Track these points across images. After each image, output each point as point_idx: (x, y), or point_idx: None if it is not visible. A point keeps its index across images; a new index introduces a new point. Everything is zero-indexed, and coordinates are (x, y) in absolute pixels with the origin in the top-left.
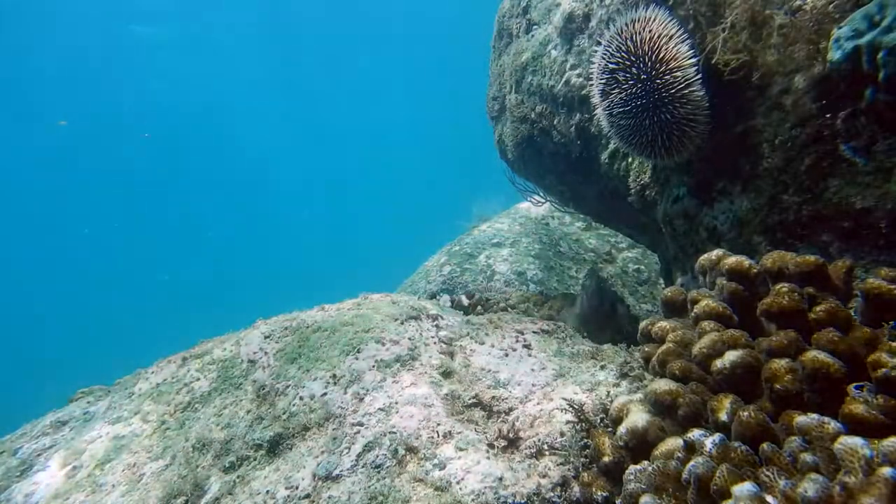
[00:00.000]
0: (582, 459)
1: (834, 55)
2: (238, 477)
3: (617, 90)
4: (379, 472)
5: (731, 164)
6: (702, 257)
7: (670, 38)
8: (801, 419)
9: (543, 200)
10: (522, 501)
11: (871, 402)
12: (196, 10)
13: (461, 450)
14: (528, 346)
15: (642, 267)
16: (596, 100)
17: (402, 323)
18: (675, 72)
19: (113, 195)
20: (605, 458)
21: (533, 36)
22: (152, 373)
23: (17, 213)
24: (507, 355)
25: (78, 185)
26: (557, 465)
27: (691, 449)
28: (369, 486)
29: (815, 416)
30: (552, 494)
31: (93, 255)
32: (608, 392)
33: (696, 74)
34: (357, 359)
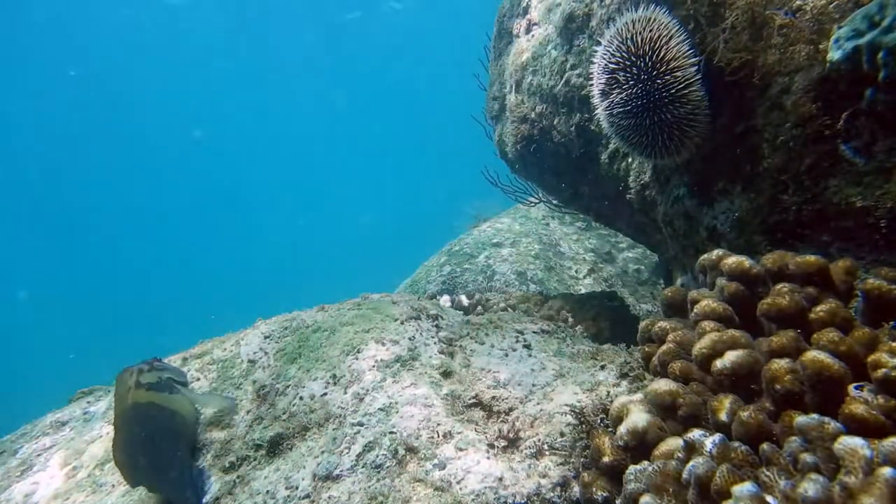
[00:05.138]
0: (582, 459)
1: (834, 55)
2: (238, 477)
3: (617, 90)
4: (379, 472)
5: (731, 164)
6: (702, 257)
7: (670, 38)
8: (801, 419)
9: (536, 201)
10: (522, 501)
11: (871, 403)
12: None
13: (461, 450)
14: (528, 347)
15: (642, 267)
16: (596, 100)
17: (402, 323)
18: (676, 72)
19: (112, 195)
20: (606, 459)
21: (533, 36)
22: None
23: (18, 210)
24: (507, 355)
25: (82, 183)
26: (557, 465)
27: (691, 449)
28: (369, 487)
29: (815, 416)
30: (552, 494)
31: (92, 254)
32: (608, 392)
33: (697, 74)
34: (357, 359)
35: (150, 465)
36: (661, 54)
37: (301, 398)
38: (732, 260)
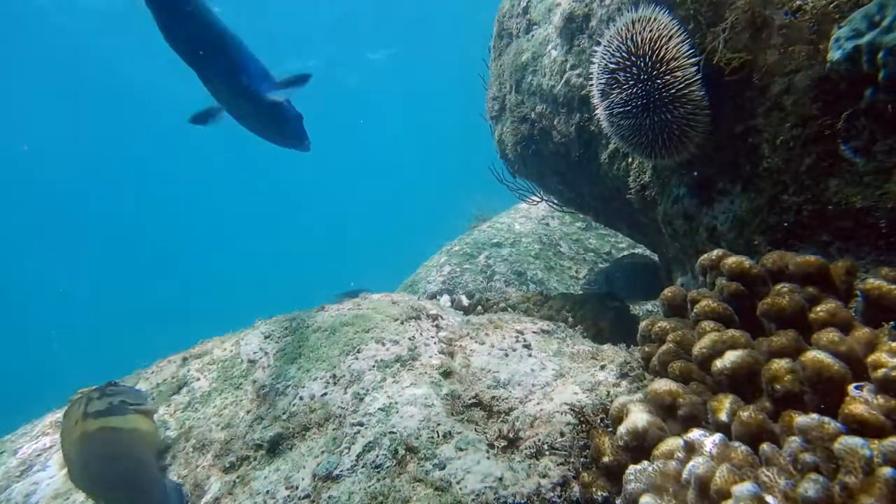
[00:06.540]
0: (582, 459)
1: (834, 55)
2: (238, 477)
3: (617, 90)
4: (379, 472)
5: (731, 164)
6: (702, 257)
7: (670, 38)
8: (801, 419)
9: (539, 200)
10: (522, 501)
11: (871, 403)
12: None
13: (461, 450)
14: (528, 346)
15: None
16: (596, 100)
17: (402, 323)
18: (676, 72)
19: (106, 194)
20: (605, 458)
21: (533, 36)
22: (152, 373)
23: (15, 213)
24: (507, 355)
25: (78, 187)
26: (557, 465)
27: (691, 449)
28: (369, 486)
29: (815, 416)
30: (552, 494)
31: (91, 254)
32: (608, 392)
33: (697, 74)
34: (357, 359)
35: (115, 487)
36: (661, 54)
37: (301, 398)
38: (732, 260)
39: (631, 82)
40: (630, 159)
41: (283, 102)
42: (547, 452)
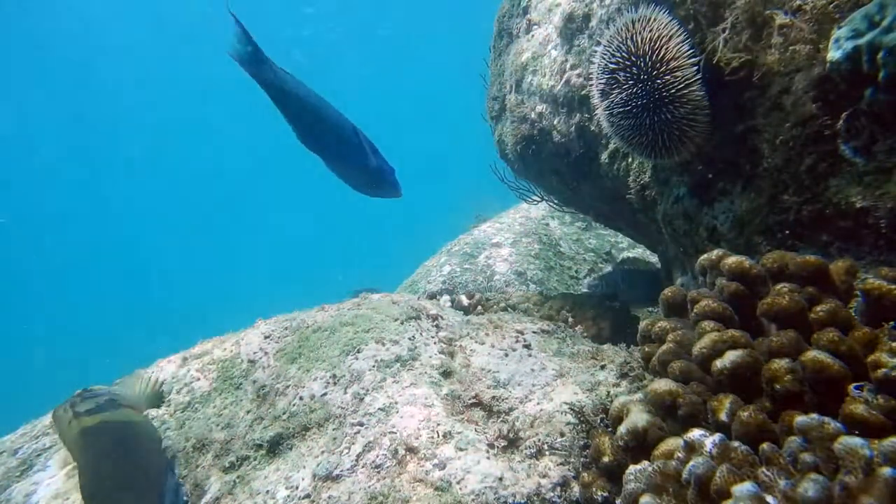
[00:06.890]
0: (582, 459)
1: (834, 55)
2: (238, 477)
3: (617, 90)
4: (379, 472)
5: (731, 164)
6: (702, 257)
7: (671, 38)
8: (801, 419)
9: (539, 199)
10: (522, 501)
11: (872, 403)
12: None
13: (461, 450)
14: (528, 346)
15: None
16: (596, 100)
17: (402, 323)
18: (676, 72)
19: (103, 193)
20: (605, 458)
21: (533, 36)
22: (152, 373)
23: (14, 213)
24: (507, 355)
25: (74, 186)
26: (557, 465)
27: (691, 449)
28: (369, 486)
29: (815, 416)
30: (552, 494)
31: (91, 253)
32: (608, 392)
33: (697, 74)
34: (357, 359)
35: (120, 483)
36: (661, 54)
37: (301, 398)
38: (732, 260)
39: (631, 82)
40: (630, 159)
41: (383, 165)
42: (547, 452)
